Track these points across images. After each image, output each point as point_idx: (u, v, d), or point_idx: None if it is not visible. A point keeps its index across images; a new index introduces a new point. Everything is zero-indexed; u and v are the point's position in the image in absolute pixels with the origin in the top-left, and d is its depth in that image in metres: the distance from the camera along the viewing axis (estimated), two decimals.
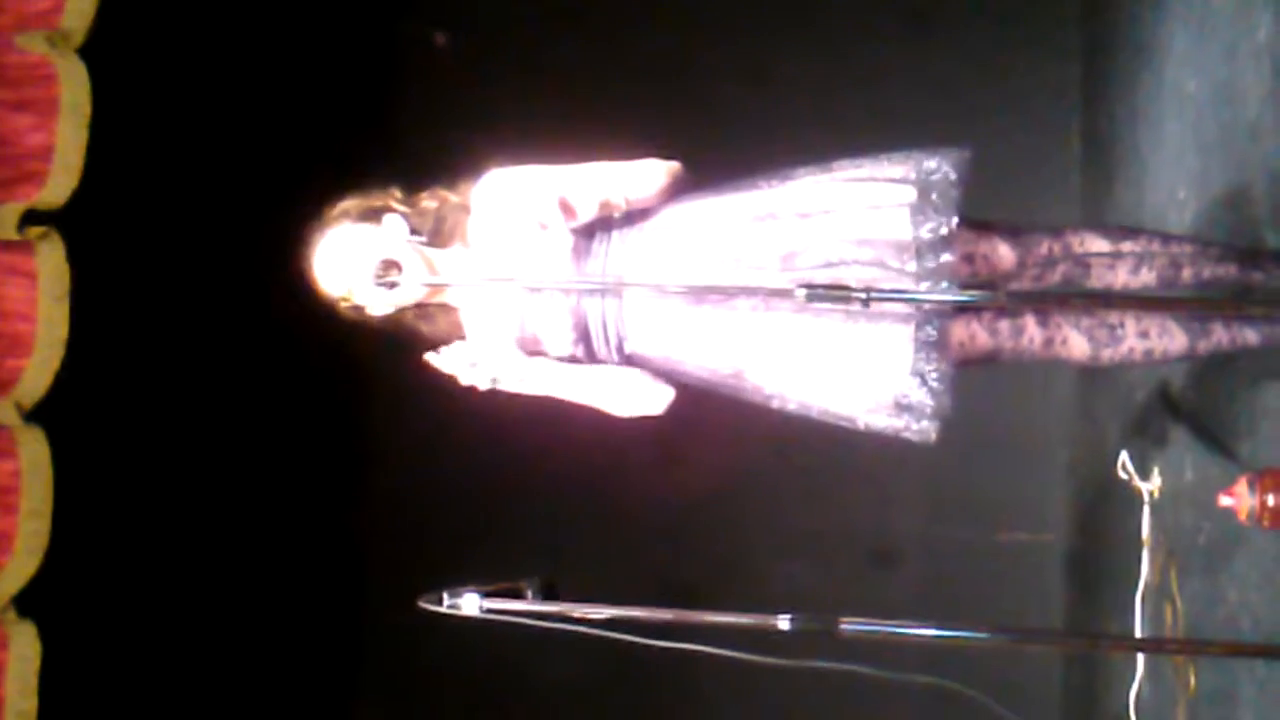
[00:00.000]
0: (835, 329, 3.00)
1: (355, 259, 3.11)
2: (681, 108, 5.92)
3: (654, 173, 3.18)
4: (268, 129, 5.23)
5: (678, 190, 3.19)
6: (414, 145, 5.55)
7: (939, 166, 3.05)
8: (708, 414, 3.29)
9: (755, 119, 5.84)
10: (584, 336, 3.14)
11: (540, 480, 5.83)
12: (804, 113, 5.83)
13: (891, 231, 3.01)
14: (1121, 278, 3.24)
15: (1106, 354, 3.20)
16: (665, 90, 6.00)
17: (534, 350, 3.16)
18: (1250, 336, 3.24)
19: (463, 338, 3.22)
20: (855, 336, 3.00)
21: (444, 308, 3.23)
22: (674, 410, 3.22)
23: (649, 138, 3.31)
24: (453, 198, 3.23)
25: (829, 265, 2.99)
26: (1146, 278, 3.25)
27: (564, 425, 3.41)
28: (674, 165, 3.21)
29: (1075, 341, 3.18)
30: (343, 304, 3.16)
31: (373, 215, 3.18)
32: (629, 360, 3.16)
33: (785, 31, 6.07)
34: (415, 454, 5.93)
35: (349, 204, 3.20)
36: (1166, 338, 3.19)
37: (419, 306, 3.19)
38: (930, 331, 2.99)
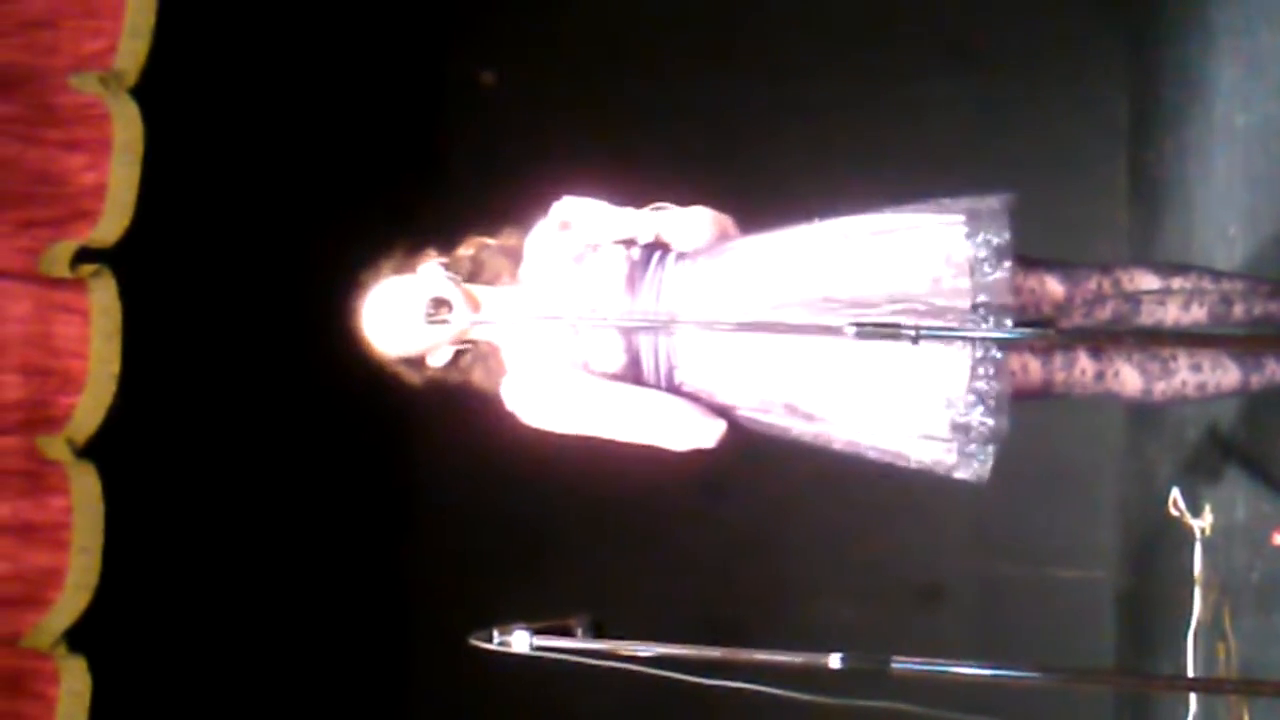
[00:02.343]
0: (891, 349, 2.98)
1: (404, 305, 3.13)
2: (730, 147, 5.93)
3: (703, 222, 3.20)
4: (318, 169, 5.27)
5: (726, 240, 3.20)
6: (464, 186, 5.58)
7: (988, 207, 3.05)
8: (755, 449, 3.28)
9: (804, 157, 5.84)
10: (634, 364, 3.14)
11: (587, 517, 5.82)
12: (851, 149, 5.83)
13: (947, 256, 3.00)
14: (1172, 314, 3.22)
15: (1159, 387, 3.18)
16: (712, 130, 6.01)
17: None
18: None
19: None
20: (912, 356, 2.96)
21: (491, 346, 3.24)
22: (722, 446, 3.21)
23: (698, 178, 3.32)
24: (490, 242, 3.26)
25: (879, 300, 2.99)
26: (1197, 314, 3.23)
27: (611, 462, 3.41)
28: (724, 217, 3.24)
29: (1127, 375, 3.16)
30: (401, 363, 3.19)
31: (408, 267, 3.21)
32: (677, 392, 3.16)
33: (832, 71, 6.07)
34: (461, 493, 5.93)
35: (383, 265, 3.23)
36: (1219, 371, 3.18)
37: (473, 346, 3.20)
38: (989, 351, 2.97)
